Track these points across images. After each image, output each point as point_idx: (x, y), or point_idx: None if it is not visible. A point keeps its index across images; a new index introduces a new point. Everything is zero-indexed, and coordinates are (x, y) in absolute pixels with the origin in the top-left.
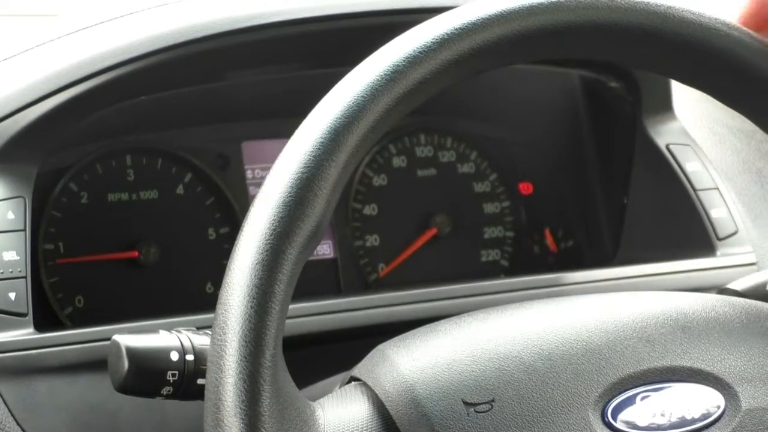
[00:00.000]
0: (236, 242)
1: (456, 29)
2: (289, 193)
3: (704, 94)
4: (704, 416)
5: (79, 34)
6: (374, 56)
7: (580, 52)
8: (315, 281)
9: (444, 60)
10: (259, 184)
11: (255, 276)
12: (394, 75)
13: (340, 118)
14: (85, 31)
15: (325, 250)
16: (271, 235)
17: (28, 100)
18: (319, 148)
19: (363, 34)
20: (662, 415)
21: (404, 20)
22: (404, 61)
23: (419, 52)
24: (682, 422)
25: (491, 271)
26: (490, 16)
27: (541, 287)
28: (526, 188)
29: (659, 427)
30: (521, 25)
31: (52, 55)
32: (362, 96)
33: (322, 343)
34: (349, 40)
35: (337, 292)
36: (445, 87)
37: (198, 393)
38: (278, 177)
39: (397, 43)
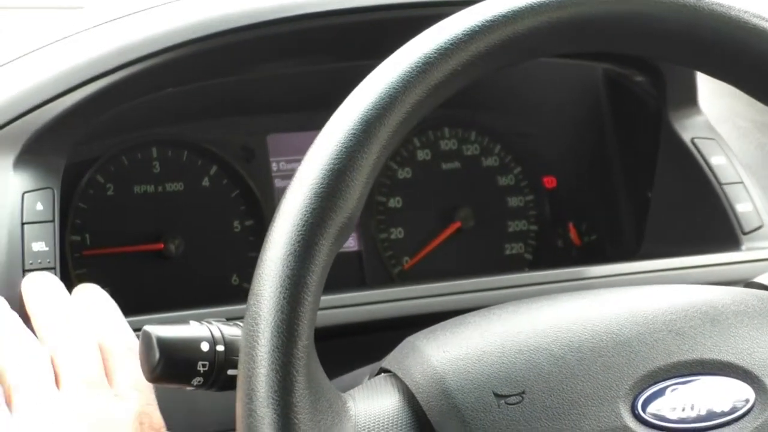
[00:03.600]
0: (268, 233)
1: (487, 21)
2: (322, 184)
3: (728, 88)
4: (733, 409)
5: (106, 25)
6: (405, 48)
7: (610, 45)
8: (339, 274)
9: (475, 52)
10: (283, 177)
11: (287, 267)
12: (426, 67)
13: (372, 110)
14: (112, 23)
15: (349, 242)
16: (303, 226)
17: (57, 91)
18: (351, 140)
19: (390, 26)
20: (691, 407)
21: (433, 13)
22: (435, 52)
23: (451, 43)
24: (712, 415)
25: (515, 264)
26: (520, 8)
27: (564, 281)
28: (550, 182)
29: (688, 419)
30: (552, 17)
31: (80, 47)
32: (394, 87)
33: (346, 336)
34: (376, 33)
35: (362, 284)
36: (476, 79)
37: (228, 383)
38: (310, 168)
39: (428, 35)
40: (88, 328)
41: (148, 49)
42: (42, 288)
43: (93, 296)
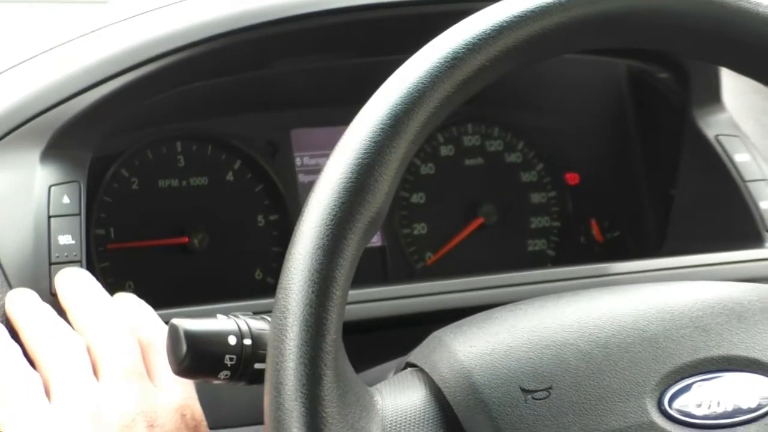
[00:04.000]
0: (296, 227)
1: (516, 17)
2: (350, 178)
3: (753, 85)
4: (759, 406)
5: (133, 20)
6: (434, 43)
7: (637, 41)
8: (362, 269)
9: (503, 47)
10: (307, 172)
11: (316, 261)
12: (454, 62)
13: (400, 105)
14: (138, 18)
15: (373, 238)
16: (332, 221)
17: (84, 85)
18: (379, 135)
19: (414, 22)
20: (717, 404)
21: (458, 9)
22: (464, 48)
23: (479, 39)
24: (737, 411)
25: (537, 260)
26: (549, 3)
27: (588, 277)
28: (572, 178)
29: (714, 416)
30: (580, 12)
31: (107, 41)
32: (422, 82)
33: (369, 331)
34: (401, 28)
35: (384, 279)
36: (504, 74)
37: (255, 377)
38: (339, 162)
39: (456, 30)
40: (127, 321)
41: (174, 43)
42: (78, 282)
43: (129, 297)
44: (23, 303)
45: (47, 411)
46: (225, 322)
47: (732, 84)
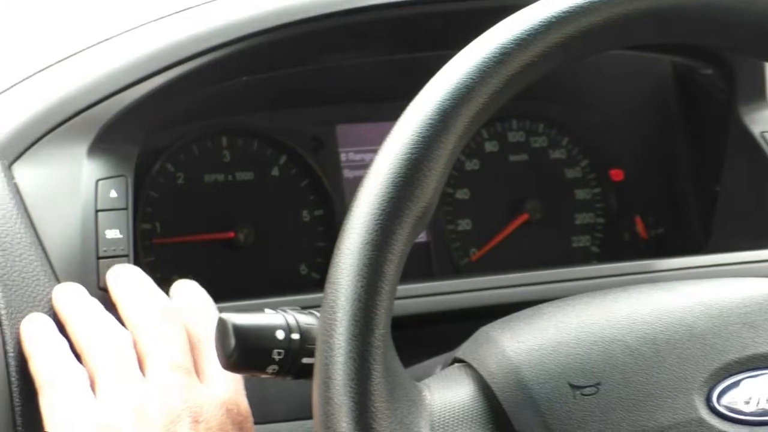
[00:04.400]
0: (345, 222)
1: (564, 12)
2: (399, 173)
3: None
4: None
5: (180, 14)
6: (483, 38)
7: (685, 36)
8: (407, 264)
9: (552, 43)
10: (352, 167)
11: (365, 255)
12: (503, 57)
13: (449, 100)
14: (185, 12)
15: (421, 233)
16: (381, 215)
17: (132, 79)
18: (428, 129)
19: (461, 17)
20: (766, 401)
21: (508, 4)
22: (513, 43)
23: (528, 34)
24: None
25: (582, 256)
26: None
27: (632, 274)
28: (617, 175)
29: (763, 412)
30: (628, 8)
31: (154, 36)
32: (471, 78)
33: (413, 327)
34: (447, 23)
35: (429, 275)
36: (552, 70)
37: (302, 372)
38: (388, 157)
39: (505, 25)
40: (177, 315)
41: (221, 39)
42: (129, 277)
43: (191, 290)
44: (71, 297)
45: (92, 405)
46: (273, 317)
47: None
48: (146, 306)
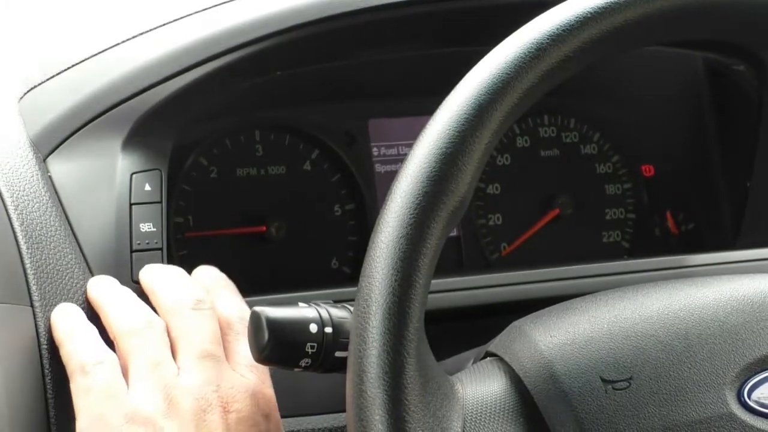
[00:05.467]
0: (380, 216)
1: (600, 7)
2: (434, 168)
3: None
4: None
5: (214, 9)
6: (518, 33)
7: (720, 32)
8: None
9: (587, 38)
10: (384, 162)
11: (400, 249)
12: (538, 53)
13: (484, 95)
14: (219, 7)
15: (455, 227)
16: (416, 209)
17: (165, 74)
18: (463, 124)
19: (494, 13)
20: None
21: (541, 0)
22: (548, 38)
23: (564, 30)
24: None
25: (612, 252)
26: None
27: (664, 269)
28: (648, 170)
29: None
30: (664, 4)
31: (188, 30)
32: (506, 73)
33: (444, 321)
34: (480, 19)
35: (460, 269)
36: (586, 65)
37: (335, 365)
38: (423, 152)
39: (540, 21)
40: (208, 304)
41: (254, 34)
42: (161, 269)
43: (213, 276)
44: (106, 287)
45: (123, 392)
46: (306, 310)
47: None
48: (178, 294)
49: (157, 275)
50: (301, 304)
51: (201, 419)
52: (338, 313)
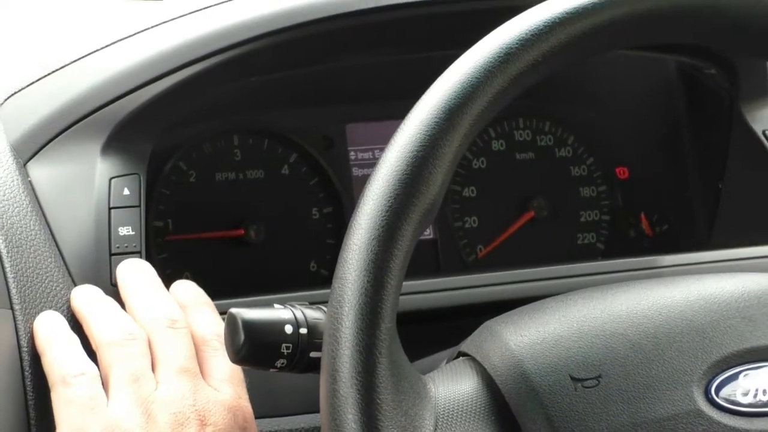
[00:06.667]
0: (352, 218)
1: (568, 12)
2: (405, 171)
3: None
4: None
5: (192, 15)
6: (487, 38)
7: (687, 37)
8: (415, 261)
9: (556, 43)
10: (361, 165)
11: (371, 251)
12: (507, 57)
13: (454, 99)
14: (197, 13)
15: (426, 229)
16: (387, 212)
17: (144, 79)
18: (434, 128)
19: (470, 17)
20: (764, 393)
21: (513, 4)
22: (517, 43)
23: (532, 34)
24: None
25: (587, 253)
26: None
27: (637, 270)
28: (622, 173)
29: (761, 404)
30: (632, 9)
31: (166, 36)
32: (476, 77)
33: (421, 322)
34: (455, 24)
35: (437, 271)
36: (557, 69)
37: (310, 366)
38: (394, 155)
39: (509, 25)
40: (183, 323)
41: (232, 39)
42: (138, 274)
43: (192, 292)
44: (89, 296)
45: (103, 405)
46: (281, 312)
47: None
48: (152, 307)
49: (132, 284)
50: (276, 305)
51: None
52: (313, 314)
